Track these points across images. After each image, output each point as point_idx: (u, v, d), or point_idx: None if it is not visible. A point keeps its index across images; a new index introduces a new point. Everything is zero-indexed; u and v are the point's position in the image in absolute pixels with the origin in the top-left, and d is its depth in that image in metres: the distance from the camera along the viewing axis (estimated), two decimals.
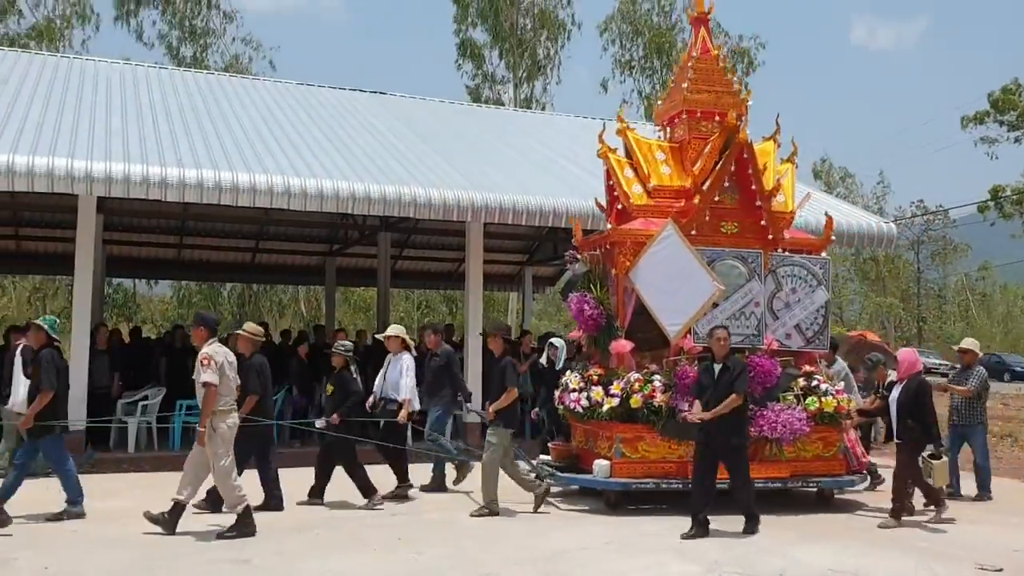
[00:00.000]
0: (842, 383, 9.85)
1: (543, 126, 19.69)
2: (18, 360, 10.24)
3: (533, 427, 12.59)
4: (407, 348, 9.59)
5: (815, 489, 9.47)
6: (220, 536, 7.39)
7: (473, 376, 12.41)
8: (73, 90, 14.31)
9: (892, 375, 9.37)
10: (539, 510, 8.76)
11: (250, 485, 8.11)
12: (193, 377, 7.72)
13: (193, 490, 7.71)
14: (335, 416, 8.76)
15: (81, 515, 8.08)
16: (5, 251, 18.60)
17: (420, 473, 9.71)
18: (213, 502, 8.24)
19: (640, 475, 8.90)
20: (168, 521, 7.49)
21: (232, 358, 7.87)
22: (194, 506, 8.14)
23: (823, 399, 9.23)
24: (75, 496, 8.12)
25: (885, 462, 10.39)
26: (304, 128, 14.66)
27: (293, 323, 31.10)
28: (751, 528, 7.93)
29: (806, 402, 9.20)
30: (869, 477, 9.97)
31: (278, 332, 18.11)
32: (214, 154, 11.96)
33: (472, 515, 8.55)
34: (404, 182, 12.28)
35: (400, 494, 9.27)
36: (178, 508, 7.55)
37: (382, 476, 9.20)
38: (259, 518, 7.76)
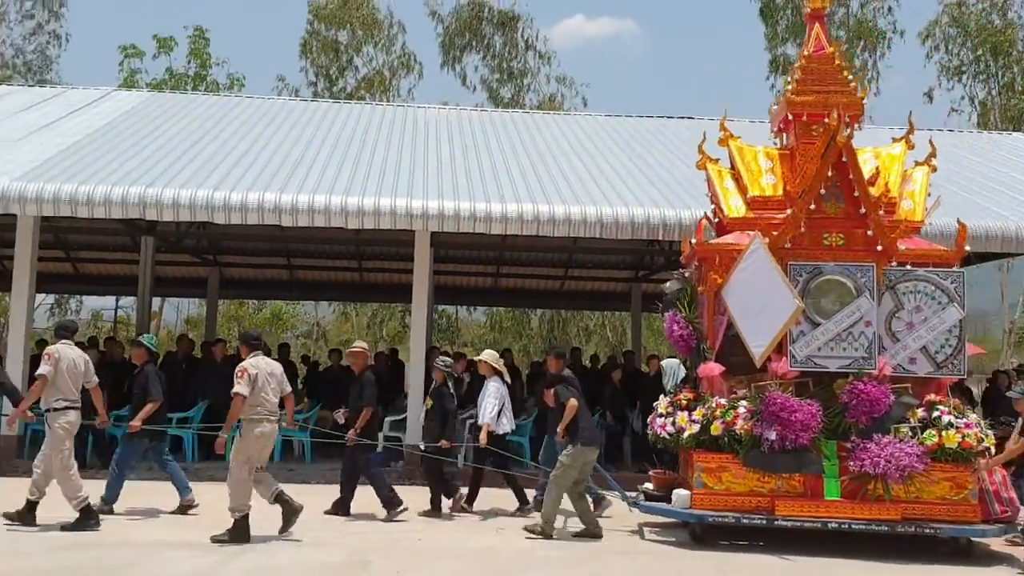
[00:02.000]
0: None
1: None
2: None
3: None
4: (497, 373, 9.78)
5: (935, 535, 7.97)
6: (213, 539, 7.59)
7: None
8: (407, 135, 15.82)
9: None
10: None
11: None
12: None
13: (268, 488, 7.96)
14: (444, 442, 9.26)
15: (109, 512, 8.43)
16: (350, 282, 20.99)
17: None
18: (341, 506, 8.81)
19: (723, 508, 8.23)
20: (236, 535, 7.70)
21: (276, 370, 8.12)
22: (324, 512, 8.82)
23: (944, 433, 7.92)
24: (112, 497, 8.60)
25: None
26: (614, 158, 15.04)
27: (599, 348, 31.73)
28: None
29: (923, 436, 7.98)
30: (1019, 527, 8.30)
31: (587, 357, 18.63)
32: (531, 188, 12.65)
33: (526, 530, 8.42)
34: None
35: (520, 514, 9.41)
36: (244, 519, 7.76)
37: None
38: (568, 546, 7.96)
